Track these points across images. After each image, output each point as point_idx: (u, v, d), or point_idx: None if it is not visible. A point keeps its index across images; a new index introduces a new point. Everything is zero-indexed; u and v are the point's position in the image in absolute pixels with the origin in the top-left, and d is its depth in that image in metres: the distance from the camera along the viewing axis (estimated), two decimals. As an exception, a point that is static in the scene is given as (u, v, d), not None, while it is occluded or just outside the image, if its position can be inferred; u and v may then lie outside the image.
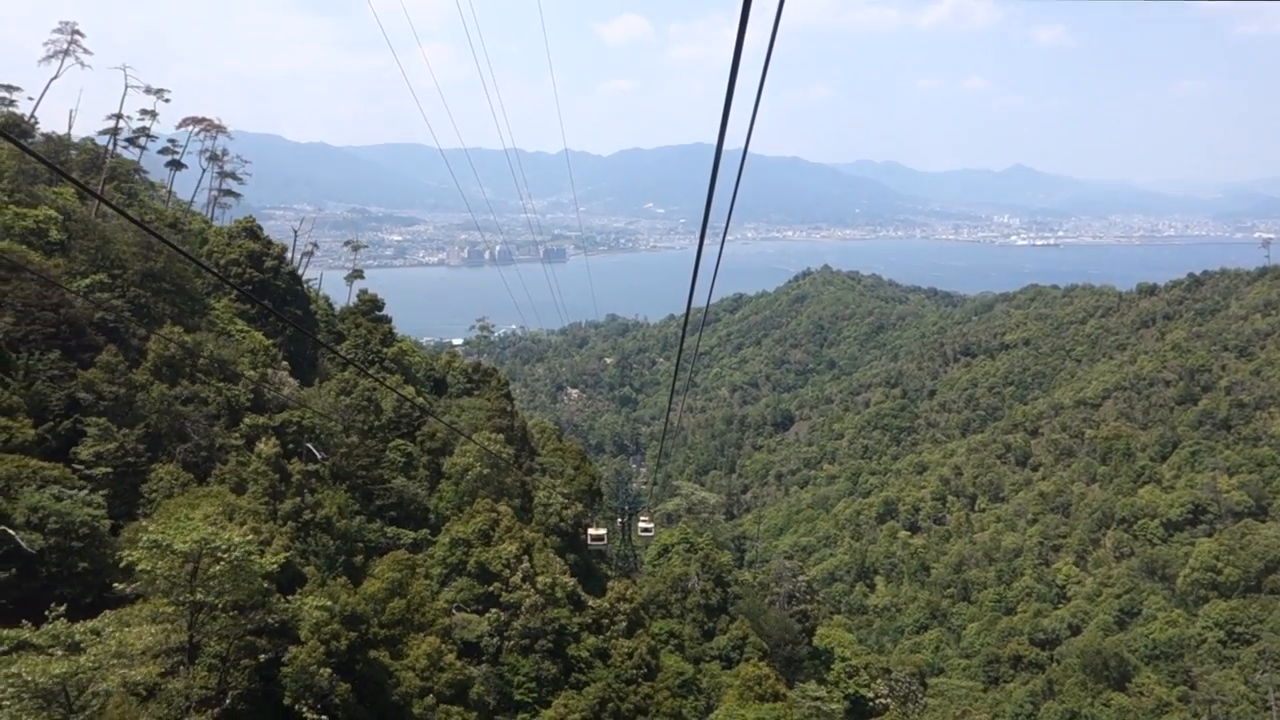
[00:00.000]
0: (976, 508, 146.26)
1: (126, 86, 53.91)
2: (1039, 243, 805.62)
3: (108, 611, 22.85)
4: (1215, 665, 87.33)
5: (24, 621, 19.89)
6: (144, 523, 29.32)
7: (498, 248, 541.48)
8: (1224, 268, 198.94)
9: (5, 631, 19.25)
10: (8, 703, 17.96)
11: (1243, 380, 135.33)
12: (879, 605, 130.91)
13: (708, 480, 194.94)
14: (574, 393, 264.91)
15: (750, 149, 7.89)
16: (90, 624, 20.24)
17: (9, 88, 65.10)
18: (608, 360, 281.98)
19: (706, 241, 9.73)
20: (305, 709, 27.49)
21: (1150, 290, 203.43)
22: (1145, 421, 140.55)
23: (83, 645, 19.29)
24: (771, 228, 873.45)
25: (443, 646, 34.96)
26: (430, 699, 33.36)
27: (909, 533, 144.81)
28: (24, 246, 38.05)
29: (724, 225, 9.43)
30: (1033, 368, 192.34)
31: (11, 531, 26.16)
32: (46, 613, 20.54)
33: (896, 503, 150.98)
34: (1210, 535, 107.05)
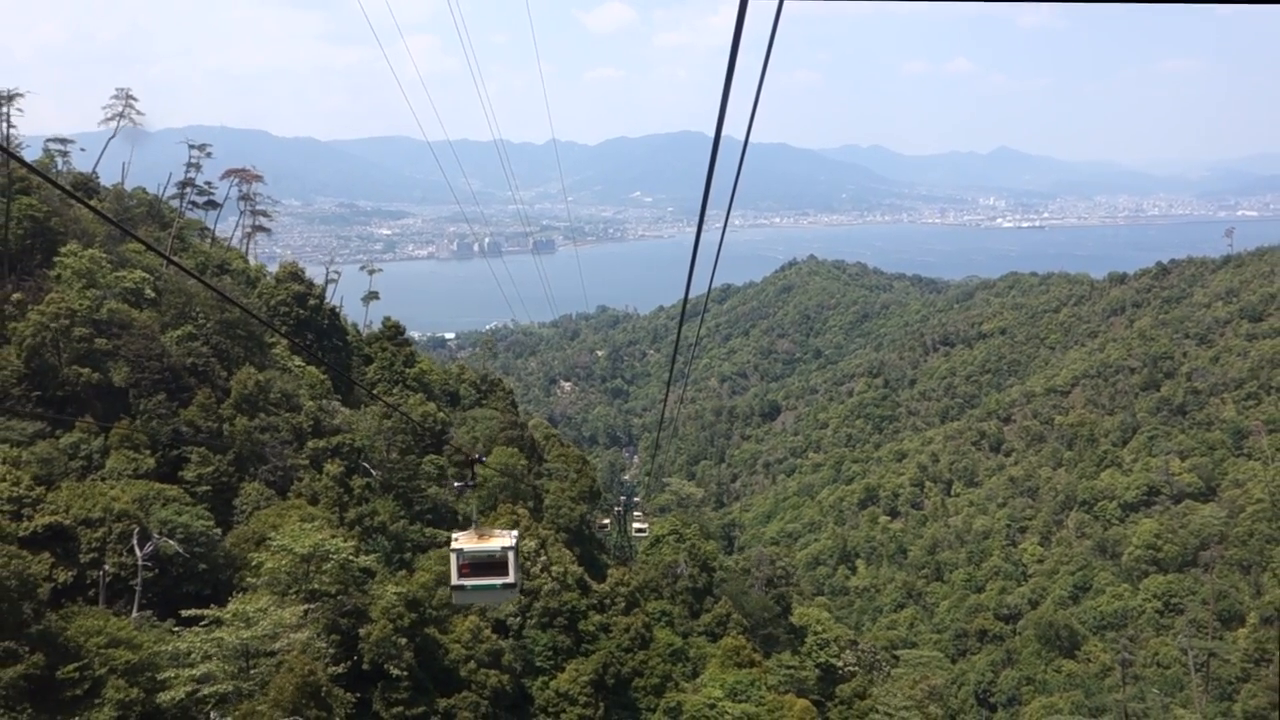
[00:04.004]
0: (952, 493, 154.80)
1: (190, 157, 62.20)
2: (1024, 225, 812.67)
3: (265, 595, 31.45)
4: (1153, 633, 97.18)
5: (211, 606, 28.64)
6: (257, 527, 38.03)
7: (487, 240, 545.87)
8: (1190, 256, 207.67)
9: (207, 611, 28.07)
10: (214, 657, 26.78)
11: (1202, 367, 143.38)
12: (859, 586, 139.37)
13: (698, 470, 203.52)
14: (567, 385, 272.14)
15: (738, 136, 7.82)
16: (259, 605, 28.82)
17: (64, 141, 73.00)
18: (599, 353, 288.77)
19: (700, 230, 9.67)
20: (391, 668, 36.41)
21: (1120, 279, 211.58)
22: (1111, 407, 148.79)
23: (253, 619, 27.90)
24: (759, 214, 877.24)
25: (480, 624, 43.94)
26: (472, 664, 42.36)
27: (888, 517, 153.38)
28: (125, 305, 46.46)
29: (723, 214, 9.66)
30: (1008, 356, 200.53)
31: (170, 540, 34.68)
32: (241, 600, 29.20)
33: (877, 489, 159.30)
34: (1161, 515, 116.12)
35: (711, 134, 7.01)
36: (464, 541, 21.25)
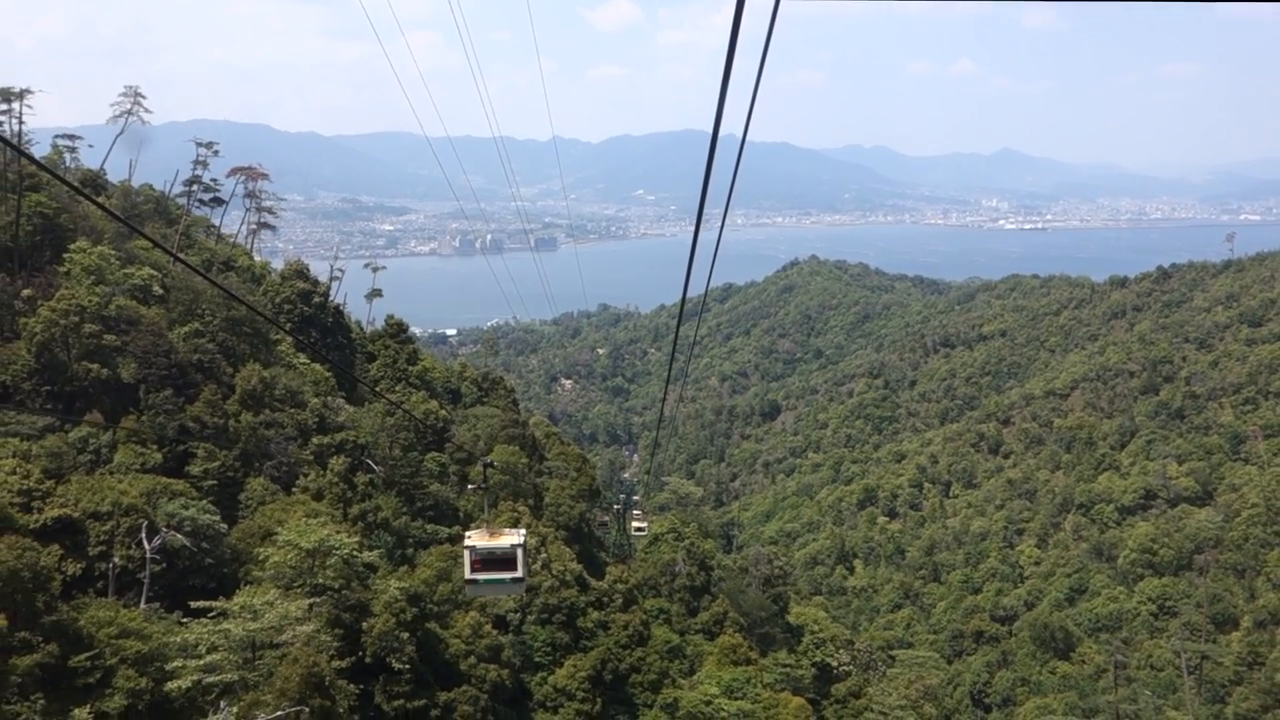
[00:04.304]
0: (950, 494, 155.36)
1: (197, 157, 62.90)
2: (1027, 227, 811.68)
3: (270, 588, 32.15)
4: (1147, 636, 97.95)
5: (218, 598, 29.35)
6: (262, 522, 38.72)
7: (489, 237, 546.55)
8: (1191, 260, 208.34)
9: (214, 604, 28.80)
10: (220, 648, 27.52)
11: (1201, 372, 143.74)
12: (857, 587, 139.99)
13: (698, 469, 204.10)
14: (567, 383, 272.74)
15: (739, 134, 7.88)
16: (265, 598, 29.53)
17: (72, 137, 73.56)
18: (600, 351, 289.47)
19: (698, 229, 9.61)
20: (393, 661, 37.13)
21: (1121, 282, 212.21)
22: (1110, 411, 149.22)
23: (259, 612, 28.61)
24: (761, 214, 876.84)
25: (480, 619, 44.67)
26: (472, 659, 43.11)
27: (887, 518, 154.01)
28: (134, 301, 47.14)
29: (721, 213, 9.47)
30: (1008, 358, 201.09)
31: (177, 534, 35.35)
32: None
33: (876, 490, 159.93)
34: (1157, 519, 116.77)
35: (719, 132, 7.16)
36: (476, 539, 23.24)
